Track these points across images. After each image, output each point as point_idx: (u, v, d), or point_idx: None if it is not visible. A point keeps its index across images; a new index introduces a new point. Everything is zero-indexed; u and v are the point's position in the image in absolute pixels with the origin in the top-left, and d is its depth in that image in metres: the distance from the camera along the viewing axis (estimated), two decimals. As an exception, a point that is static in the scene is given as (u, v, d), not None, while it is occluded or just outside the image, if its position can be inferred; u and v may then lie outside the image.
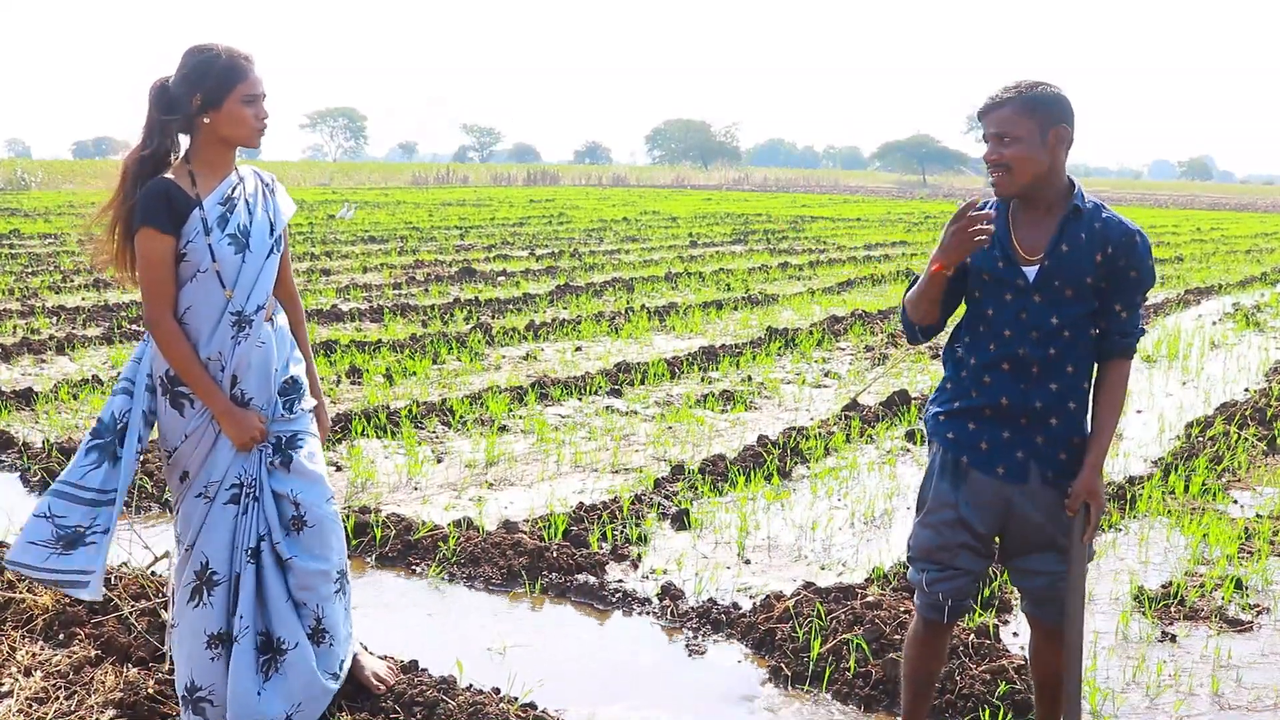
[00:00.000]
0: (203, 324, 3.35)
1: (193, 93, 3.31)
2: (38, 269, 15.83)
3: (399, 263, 17.74)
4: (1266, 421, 8.10)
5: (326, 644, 3.55)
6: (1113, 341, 3.17)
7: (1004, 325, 3.15)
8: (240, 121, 3.34)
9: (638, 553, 5.42)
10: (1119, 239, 3.09)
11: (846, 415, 8.03)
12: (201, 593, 3.41)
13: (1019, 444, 3.16)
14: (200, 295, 3.35)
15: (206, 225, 3.33)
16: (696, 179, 77.97)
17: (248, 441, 3.39)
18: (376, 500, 6.11)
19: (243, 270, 3.38)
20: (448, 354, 10.13)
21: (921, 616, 3.35)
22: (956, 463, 3.22)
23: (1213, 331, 13.05)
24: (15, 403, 7.83)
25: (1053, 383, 3.14)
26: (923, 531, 3.29)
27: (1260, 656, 4.52)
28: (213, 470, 3.41)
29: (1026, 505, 3.17)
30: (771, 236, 25.58)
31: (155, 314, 3.32)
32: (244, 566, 3.42)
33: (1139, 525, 6.02)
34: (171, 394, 3.40)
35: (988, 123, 3.10)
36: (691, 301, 13.89)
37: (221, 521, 3.42)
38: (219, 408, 3.36)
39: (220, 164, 3.42)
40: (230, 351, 3.36)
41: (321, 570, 3.52)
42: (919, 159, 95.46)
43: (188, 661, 3.44)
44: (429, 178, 60.77)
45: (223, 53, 3.33)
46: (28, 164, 51.87)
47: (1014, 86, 3.09)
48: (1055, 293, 3.10)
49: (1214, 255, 23.88)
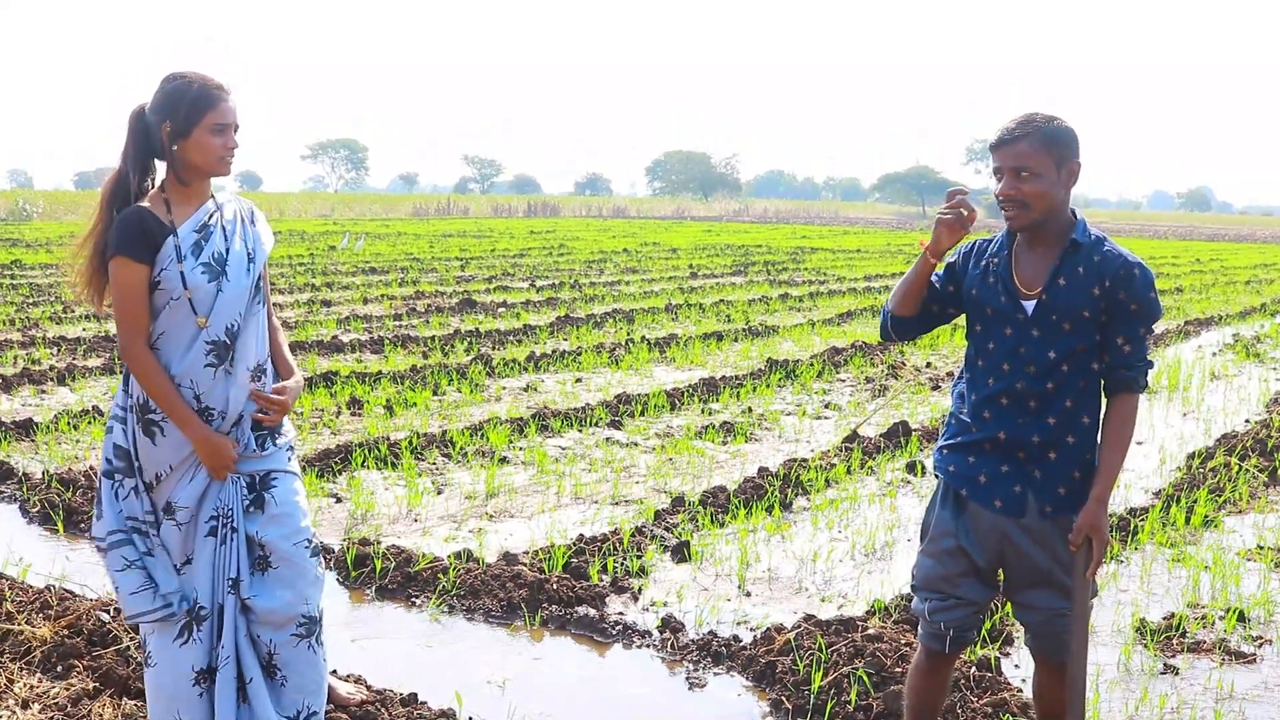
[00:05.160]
0: (174, 350, 3.33)
1: (163, 120, 3.31)
2: (39, 299, 15.86)
3: (399, 294, 17.78)
4: (1267, 452, 8.09)
5: (279, 681, 3.47)
6: (1116, 375, 3.16)
7: (1003, 359, 3.16)
8: (207, 150, 3.33)
9: (638, 585, 5.40)
10: (1117, 272, 3.08)
11: (847, 447, 8.02)
12: (190, 629, 3.38)
13: (1016, 478, 3.16)
14: (173, 323, 3.33)
15: (180, 253, 3.30)
16: (697, 210, 78.20)
17: (221, 469, 3.36)
18: (377, 532, 6.10)
19: (218, 299, 3.35)
20: (448, 385, 10.13)
21: (924, 647, 3.35)
22: (957, 495, 3.24)
23: (1213, 363, 13.06)
24: (15, 433, 7.83)
25: (1050, 416, 3.13)
26: (925, 560, 3.30)
27: (1264, 689, 4.49)
28: (188, 497, 3.36)
29: (1023, 539, 3.16)
30: (772, 268, 25.64)
31: (128, 342, 3.31)
32: (225, 597, 3.39)
33: (1140, 557, 6.01)
34: (143, 421, 3.36)
35: (1003, 157, 3.09)
36: (692, 333, 13.91)
37: (203, 556, 3.39)
38: (196, 434, 3.32)
39: (195, 192, 3.41)
40: (201, 378, 3.33)
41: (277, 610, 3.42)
42: (919, 190, 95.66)
43: (170, 700, 3.38)
44: (430, 209, 61.00)
45: (195, 81, 3.33)
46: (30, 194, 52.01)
47: (1029, 120, 3.08)
48: (1053, 326, 3.11)
49: (1213, 286, 23.92)
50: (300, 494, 3.57)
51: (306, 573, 3.50)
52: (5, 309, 14.68)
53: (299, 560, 3.47)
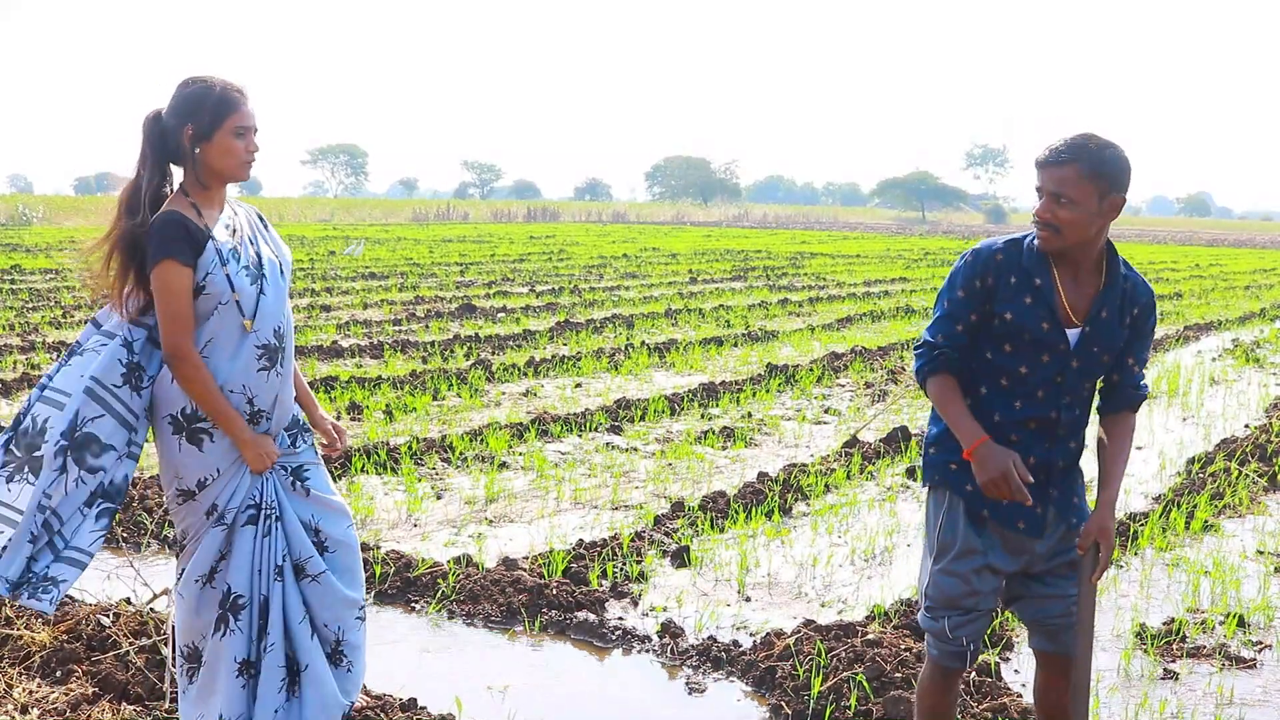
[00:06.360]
0: (222, 355, 3.32)
1: (185, 124, 3.29)
2: (38, 304, 15.87)
3: (399, 299, 17.78)
4: (1267, 457, 8.09)
5: (345, 666, 3.55)
6: (1126, 394, 3.19)
7: (1038, 386, 3.10)
8: (230, 153, 3.32)
9: (638, 590, 5.40)
10: (1144, 300, 3.13)
11: (847, 452, 8.02)
12: (228, 620, 3.38)
13: (1038, 499, 3.14)
14: (222, 328, 3.31)
15: (223, 256, 3.30)
16: (696, 215, 78.28)
17: (265, 467, 3.41)
18: (376, 537, 6.09)
19: (261, 302, 3.36)
20: (448, 390, 10.13)
21: (939, 665, 3.28)
22: (978, 514, 3.16)
23: (1213, 368, 13.06)
24: (15, 439, 7.82)
25: (1073, 441, 3.17)
26: (947, 580, 3.19)
27: (1264, 694, 4.49)
28: (233, 497, 3.40)
29: (1044, 547, 3.19)
30: (771, 273, 25.65)
31: (179, 345, 3.25)
32: (271, 587, 3.40)
33: (1140, 562, 6.00)
34: (188, 431, 3.32)
35: (1045, 178, 2.97)
36: (691, 338, 13.91)
37: (242, 545, 3.40)
38: (243, 436, 3.34)
39: (215, 197, 3.40)
40: (254, 382, 3.35)
41: (347, 596, 3.54)
42: (918, 195, 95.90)
43: (225, 694, 3.38)
44: (429, 214, 61.03)
45: (216, 85, 3.33)
46: (29, 199, 51.99)
47: (1080, 144, 2.95)
48: (1093, 358, 3.10)
49: (1213, 291, 23.94)
50: (330, 483, 3.67)
51: (359, 557, 3.64)
52: (5, 314, 14.69)
53: (355, 544, 3.61)
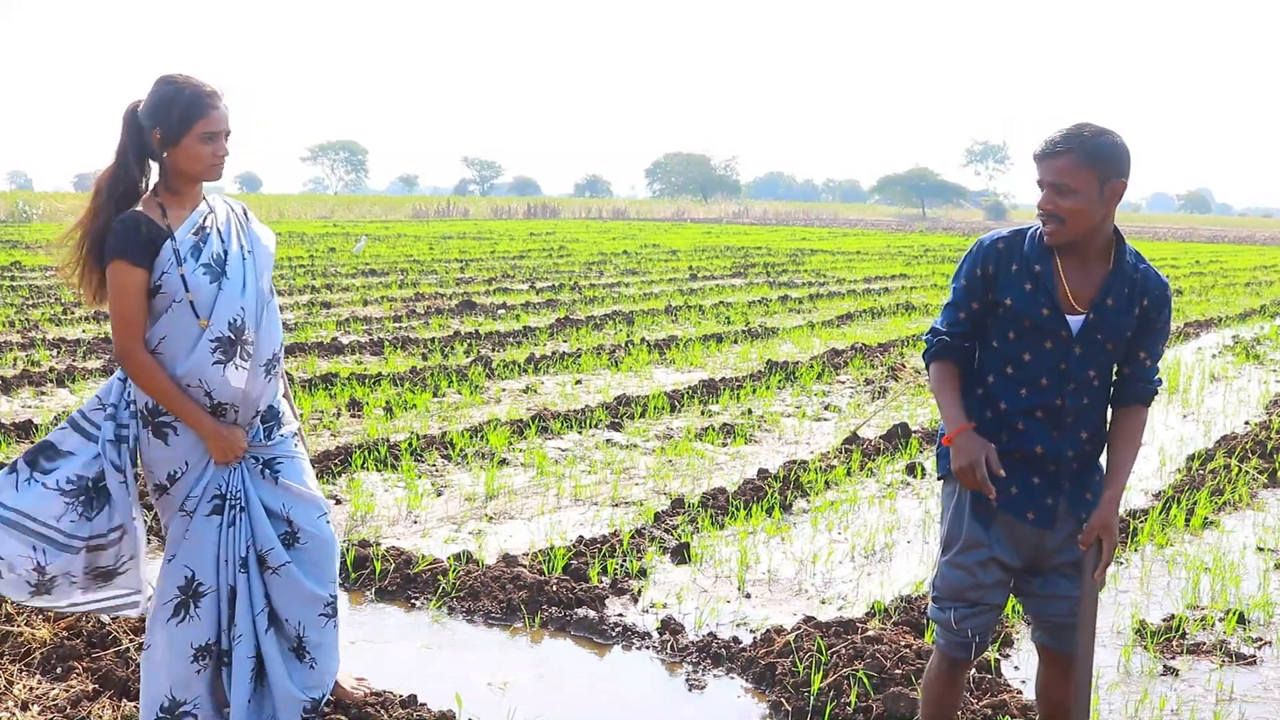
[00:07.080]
0: (177, 352, 3.35)
1: (154, 127, 3.33)
2: (38, 301, 15.86)
3: (399, 296, 17.77)
4: (1267, 454, 8.09)
5: (308, 663, 3.55)
6: (1137, 388, 3.18)
7: (1041, 374, 3.12)
8: (197, 159, 3.36)
9: (638, 586, 5.40)
10: (1156, 292, 3.11)
11: (847, 448, 8.02)
12: (187, 606, 3.42)
13: (1049, 489, 3.15)
14: (175, 326, 3.35)
15: (179, 256, 3.33)
16: (696, 212, 78.20)
17: (232, 459, 3.43)
18: (376, 533, 6.09)
19: (219, 298, 3.37)
20: (448, 387, 10.13)
21: (946, 655, 3.30)
22: (986, 504, 3.17)
23: (1213, 364, 13.06)
24: (15, 435, 7.82)
25: (1083, 430, 3.16)
26: (953, 572, 3.23)
27: (1263, 690, 4.49)
28: (194, 486, 3.43)
29: (1053, 541, 3.19)
30: (771, 270, 25.64)
31: (126, 345, 3.32)
32: (236, 578, 3.44)
33: (1140, 558, 6.01)
34: (153, 425, 3.40)
35: (1044, 170, 3.01)
36: (691, 335, 13.90)
37: (206, 534, 3.43)
38: (206, 427, 3.37)
39: (188, 195, 3.44)
40: (209, 376, 3.36)
41: (311, 592, 3.52)
42: (918, 192, 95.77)
43: (166, 678, 3.43)
44: (429, 211, 60.99)
45: (185, 88, 3.33)
46: (29, 196, 51.90)
47: (1075, 133, 2.98)
48: (1097, 346, 3.10)
49: (1213, 288, 23.93)
50: (309, 474, 3.64)
51: (332, 550, 3.61)
52: (5, 310, 14.68)
53: (327, 537, 3.59)
